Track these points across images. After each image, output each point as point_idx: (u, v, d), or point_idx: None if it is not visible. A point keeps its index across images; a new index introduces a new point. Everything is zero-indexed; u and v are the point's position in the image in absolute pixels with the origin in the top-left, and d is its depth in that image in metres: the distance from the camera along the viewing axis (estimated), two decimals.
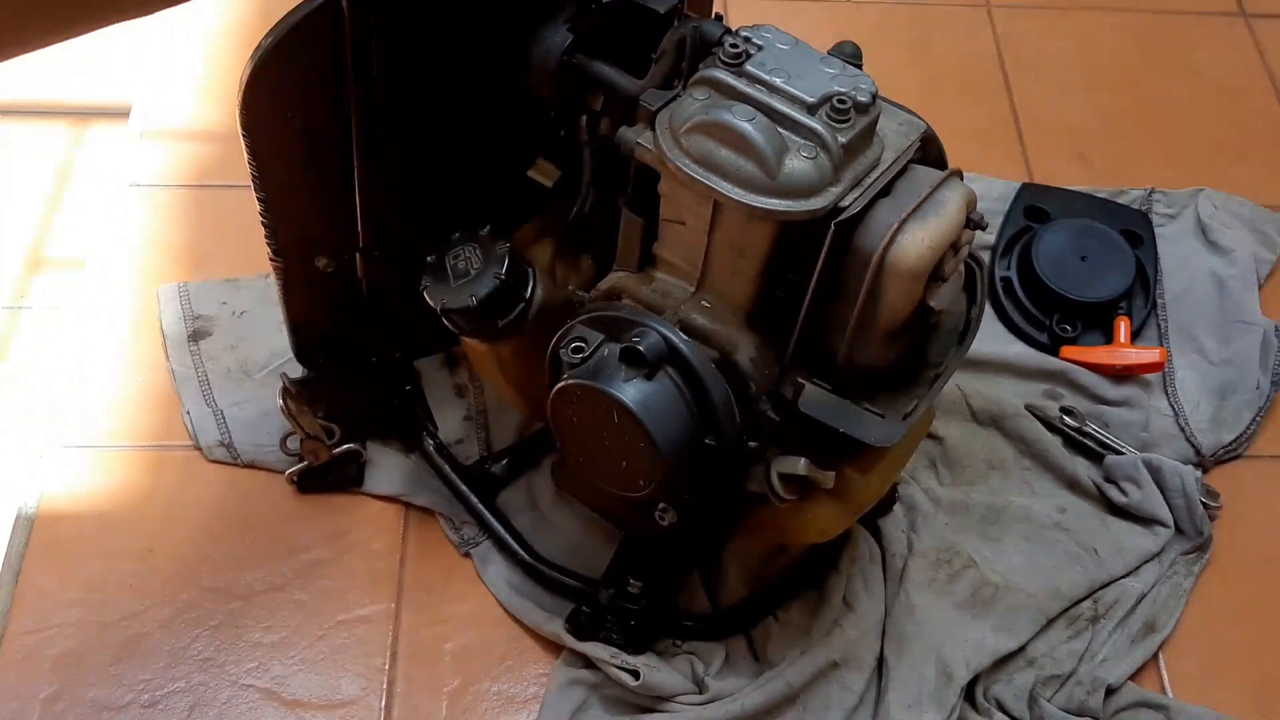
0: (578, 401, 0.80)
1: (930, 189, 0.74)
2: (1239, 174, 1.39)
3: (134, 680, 0.97)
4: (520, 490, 1.09)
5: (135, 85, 1.37)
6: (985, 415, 1.14)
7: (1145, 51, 1.53)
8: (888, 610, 1.02)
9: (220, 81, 1.37)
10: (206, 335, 1.17)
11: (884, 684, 0.98)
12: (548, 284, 0.87)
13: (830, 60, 0.75)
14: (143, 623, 1.00)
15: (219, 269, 1.23)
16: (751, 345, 0.80)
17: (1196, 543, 1.08)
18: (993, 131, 1.42)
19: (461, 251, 0.86)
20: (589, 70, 0.81)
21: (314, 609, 1.02)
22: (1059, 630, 1.03)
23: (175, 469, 1.09)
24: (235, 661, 0.99)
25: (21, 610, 1.00)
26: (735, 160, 0.71)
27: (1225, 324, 1.23)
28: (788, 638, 1.00)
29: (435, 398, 1.12)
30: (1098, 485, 1.11)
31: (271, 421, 1.08)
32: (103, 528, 1.05)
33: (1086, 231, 1.25)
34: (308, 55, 0.81)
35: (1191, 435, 1.15)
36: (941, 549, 1.05)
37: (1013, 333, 1.23)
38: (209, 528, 1.05)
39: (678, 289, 0.81)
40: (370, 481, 1.08)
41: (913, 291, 0.74)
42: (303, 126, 0.85)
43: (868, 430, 0.78)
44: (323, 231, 0.94)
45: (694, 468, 0.82)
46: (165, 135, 1.34)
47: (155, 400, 1.13)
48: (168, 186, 1.30)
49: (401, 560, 1.05)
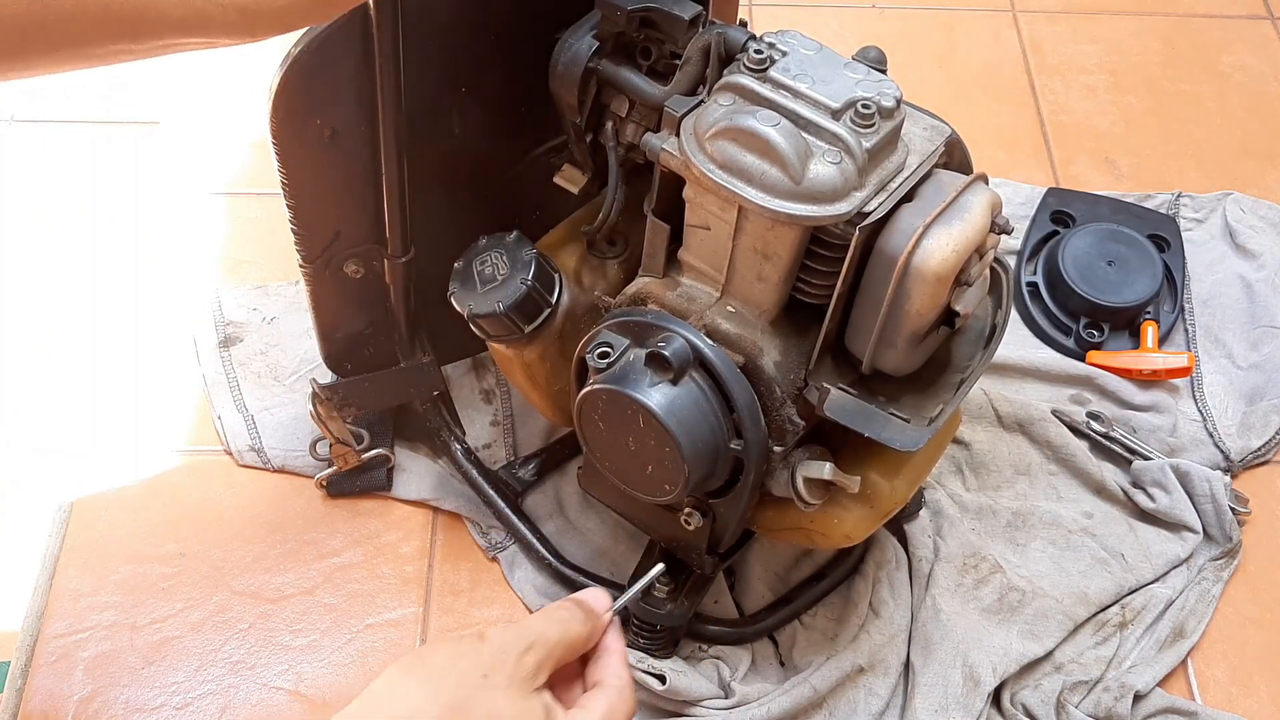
0: (604, 406, 0.80)
1: (955, 193, 0.74)
2: (1267, 177, 1.38)
3: (166, 682, 0.98)
4: (547, 494, 1.09)
5: (165, 94, 1.39)
6: (1012, 420, 1.14)
7: (1172, 55, 1.52)
8: (914, 615, 1.01)
9: (249, 89, 1.39)
10: (237, 341, 1.18)
11: (910, 689, 0.98)
12: (574, 289, 0.88)
13: (855, 65, 0.75)
14: (174, 625, 1.01)
15: (249, 276, 1.24)
16: (776, 350, 0.80)
17: (1225, 548, 1.08)
18: (1018, 136, 1.42)
19: (488, 257, 0.86)
20: (614, 77, 0.81)
21: (343, 612, 1.03)
22: (1086, 636, 1.03)
23: (207, 473, 1.10)
24: (265, 664, 0.99)
25: (55, 612, 1.01)
26: (760, 165, 0.72)
27: (1253, 328, 1.22)
28: (814, 643, 1.00)
29: (463, 402, 1.13)
30: (1125, 491, 1.11)
31: (301, 426, 1.10)
32: (135, 531, 1.06)
33: (1113, 236, 1.25)
34: (337, 62, 0.82)
35: (1220, 440, 1.14)
36: (968, 554, 1.05)
37: (1039, 338, 1.23)
38: (240, 531, 1.06)
39: (703, 294, 0.82)
40: (399, 486, 1.09)
41: (937, 295, 0.74)
42: (332, 133, 0.86)
43: (893, 434, 0.78)
44: (352, 238, 0.95)
45: (719, 472, 0.82)
46: (195, 143, 1.36)
47: (187, 405, 1.15)
48: (199, 194, 1.31)
49: (430, 564, 1.06)
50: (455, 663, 0.68)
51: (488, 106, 0.92)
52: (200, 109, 1.39)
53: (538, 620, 0.71)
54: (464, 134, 0.93)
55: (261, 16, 0.60)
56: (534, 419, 1.12)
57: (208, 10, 0.59)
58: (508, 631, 0.69)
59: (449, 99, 0.90)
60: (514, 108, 0.93)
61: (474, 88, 0.90)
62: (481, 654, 0.68)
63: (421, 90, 0.86)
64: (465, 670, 0.67)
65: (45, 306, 1.21)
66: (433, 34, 0.85)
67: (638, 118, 0.82)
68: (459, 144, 0.94)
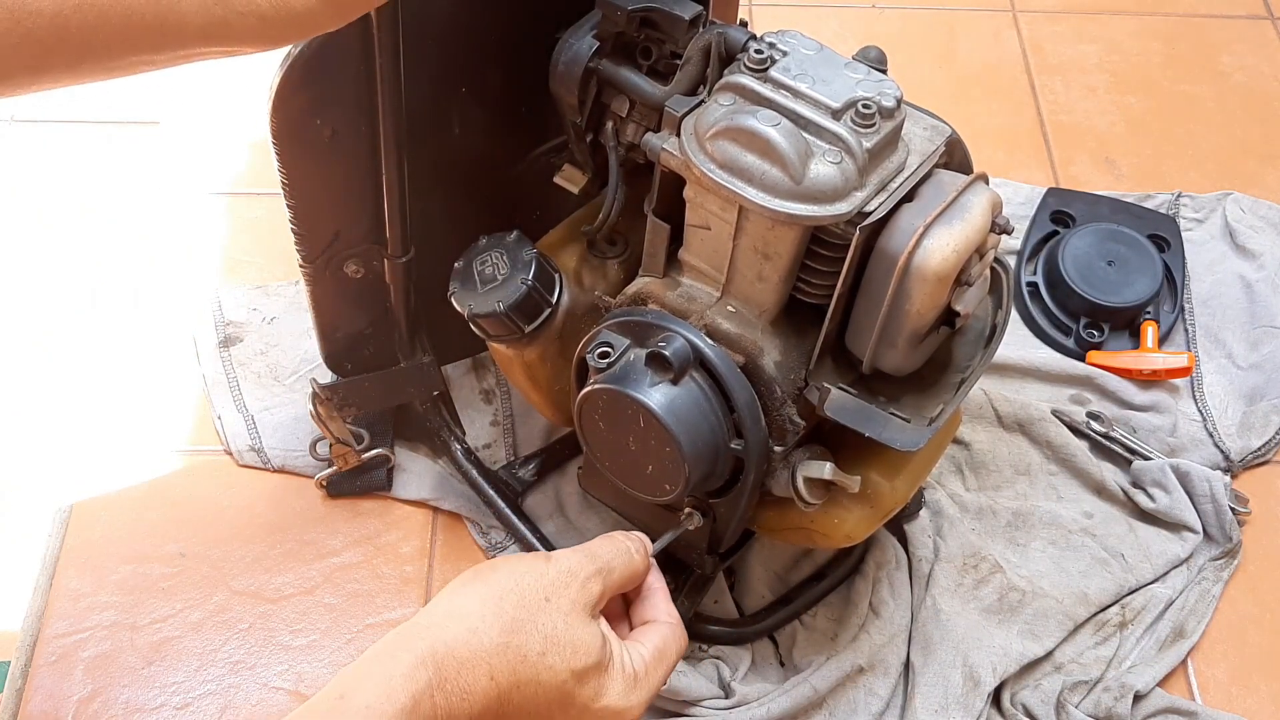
0: (604, 406, 0.80)
1: (956, 193, 0.74)
2: (1267, 177, 1.38)
3: (166, 682, 0.98)
4: (547, 494, 1.09)
5: (165, 94, 1.39)
6: (1011, 420, 1.14)
7: (1172, 55, 1.52)
8: (914, 615, 1.01)
9: (249, 89, 1.39)
10: (237, 341, 1.18)
11: (910, 689, 0.98)
12: (574, 289, 0.88)
13: (855, 65, 0.75)
14: (174, 625, 1.01)
15: (249, 276, 1.24)
16: (777, 349, 0.80)
17: (1225, 548, 1.08)
18: (1018, 136, 1.42)
19: (488, 257, 0.86)
20: (614, 76, 0.81)
21: (343, 612, 1.02)
22: (1086, 636, 1.03)
23: (207, 473, 1.10)
24: (265, 664, 0.99)
25: (55, 613, 1.01)
26: (760, 165, 0.72)
27: (1253, 328, 1.22)
28: (814, 643, 1.00)
29: (463, 403, 1.13)
30: (1125, 490, 1.11)
31: (301, 426, 1.09)
32: (135, 531, 1.06)
33: (1113, 236, 1.25)
34: (337, 62, 0.82)
35: (1220, 440, 1.14)
36: (968, 554, 1.05)
37: (1039, 338, 1.23)
38: (240, 531, 1.06)
39: (703, 294, 0.82)
40: (399, 486, 1.09)
41: (938, 295, 0.74)
42: (332, 133, 0.86)
43: (893, 434, 0.78)
44: (352, 238, 0.95)
45: (719, 472, 0.82)
46: (195, 143, 1.36)
47: (187, 405, 1.15)
48: (199, 194, 1.31)
49: (430, 564, 1.06)
50: (518, 581, 0.68)
51: (488, 106, 0.92)
52: (200, 109, 1.39)
53: (604, 549, 0.71)
54: (464, 134, 0.93)
55: (281, 23, 0.61)
56: (534, 419, 1.12)
57: (228, 18, 0.60)
58: (574, 555, 0.70)
59: (449, 99, 0.90)
60: (514, 108, 0.93)
61: (474, 88, 0.90)
62: (546, 575, 0.68)
63: (421, 90, 0.86)
64: (527, 590, 0.68)
65: (45, 306, 1.21)
66: (433, 34, 0.85)
67: (638, 118, 0.82)
68: (459, 144, 0.94)
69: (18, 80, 0.59)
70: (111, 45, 0.59)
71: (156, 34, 0.59)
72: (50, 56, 0.58)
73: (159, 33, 0.59)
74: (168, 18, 0.59)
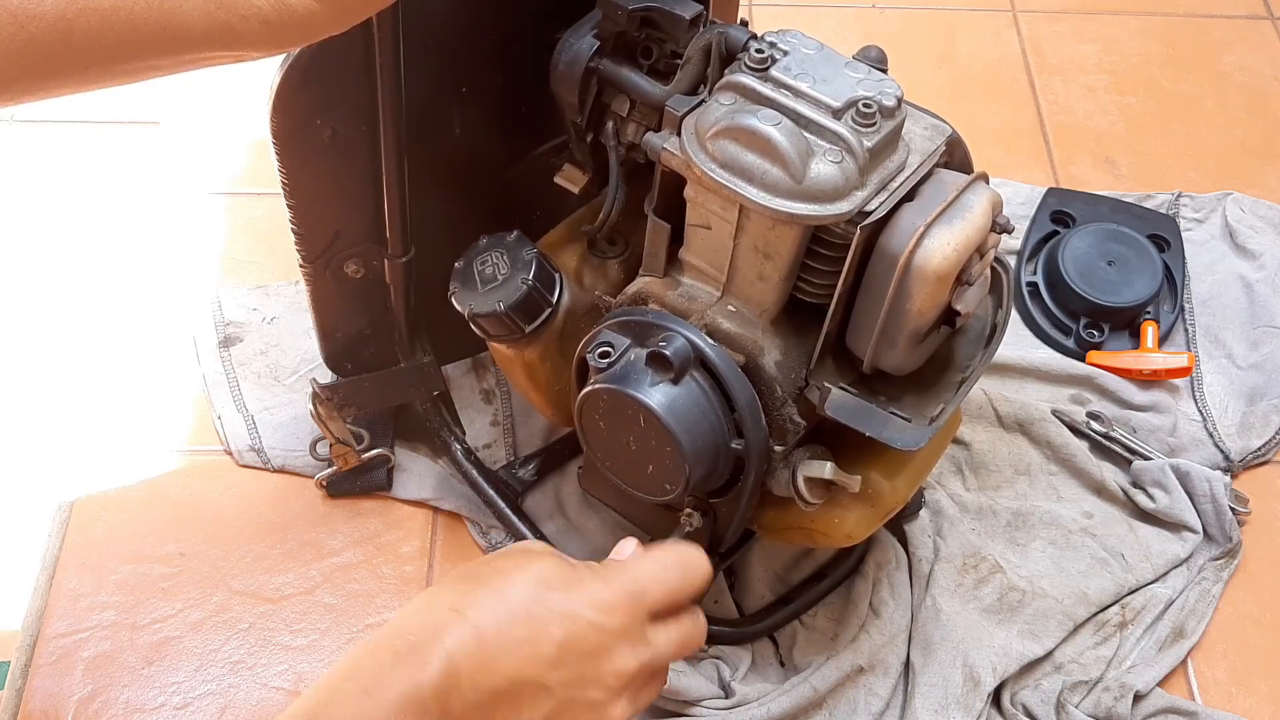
0: (604, 406, 0.80)
1: (956, 193, 0.74)
2: (1267, 177, 1.38)
3: (166, 682, 0.98)
4: (547, 494, 1.09)
5: (165, 94, 1.39)
6: (1012, 420, 1.14)
7: (1172, 55, 1.52)
8: (914, 615, 1.01)
9: (249, 89, 1.39)
10: (237, 341, 1.18)
11: (910, 689, 0.98)
12: (574, 289, 0.88)
13: (855, 65, 0.75)
14: (174, 625, 1.01)
15: (249, 276, 1.24)
16: (777, 349, 0.80)
17: (1225, 548, 1.08)
18: (1019, 136, 1.42)
19: (489, 257, 0.86)
20: (615, 76, 0.81)
21: (343, 612, 1.02)
22: (1086, 636, 1.03)
23: (207, 473, 1.10)
24: (265, 664, 0.99)
25: (55, 613, 1.01)
26: (761, 165, 0.72)
27: (1253, 328, 1.22)
28: (814, 643, 1.00)
29: (463, 403, 1.13)
30: (1125, 490, 1.11)
31: (301, 426, 1.09)
32: (135, 531, 1.06)
33: (1113, 236, 1.25)
34: (337, 62, 0.82)
35: (1220, 440, 1.14)
36: (968, 554, 1.05)
37: (1039, 338, 1.23)
38: (240, 531, 1.06)
39: (704, 293, 0.82)
40: (399, 486, 1.09)
41: (938, 294, 0.74)
42: (332, 133, 0.86)
43: (894, 434, 0.78)
44: (352, 238, 0.95)
45: (720, 472, 0.82)
46: (195, 143, 1.36)
47: (187, 405, 1.15)
48: (199, 194, 1.31)
49: (430, 564, 1.06)
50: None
51: (488, 106, 0.92)
52: (200, 109, 1.38)
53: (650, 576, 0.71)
54: (464, 134, 0.93)
55: (285, 27, 0.61)
56: (534, 419, 1.12)
57: (232, 23, 0.60)
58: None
59: (449, 99, 0.90)
60: (514, 108, 0.93)
61: (474, 88, 0.90)
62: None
63: (422, 90, 0.86)
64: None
65: (45, 306, 1.21)
66: (433, 34, 0.85)
67: (639, 117, 0.82)
68: (459, 144, 0.94)
69: (24, 85, 0.59)
70: (115, 50, 0.59)
71: (160, 39, 0.59)
72: (55, 61, 0.58)
73: (162, 37, 0.59)
74: (170, 23, 0.59)
